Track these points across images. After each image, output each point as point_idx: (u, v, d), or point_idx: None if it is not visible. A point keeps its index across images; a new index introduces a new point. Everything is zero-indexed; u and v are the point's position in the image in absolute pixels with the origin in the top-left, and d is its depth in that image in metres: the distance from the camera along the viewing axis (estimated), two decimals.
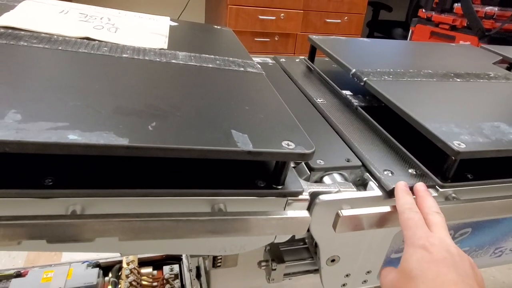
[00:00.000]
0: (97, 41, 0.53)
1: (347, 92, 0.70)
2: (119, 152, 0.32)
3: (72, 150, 0.31)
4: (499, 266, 1.44)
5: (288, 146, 0.38)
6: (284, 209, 0.41)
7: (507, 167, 0.52)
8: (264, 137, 0.38)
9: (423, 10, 2.13)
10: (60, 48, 0.48)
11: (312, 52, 0.86)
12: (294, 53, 2.36)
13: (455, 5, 1.90)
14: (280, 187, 0.40)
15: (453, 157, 0.45)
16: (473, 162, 0.50)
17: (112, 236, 0.33)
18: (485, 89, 0.67)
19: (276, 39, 2.30)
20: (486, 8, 1.74)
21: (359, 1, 2.35)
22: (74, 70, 0.44)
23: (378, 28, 3.03)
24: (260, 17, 2.16)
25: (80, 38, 0.53)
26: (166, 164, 0.39)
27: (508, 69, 0.96)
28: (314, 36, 0.84)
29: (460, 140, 0.45)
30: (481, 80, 0.70)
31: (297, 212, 0.39)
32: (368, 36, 3.06)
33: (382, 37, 2.97)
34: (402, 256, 0.36)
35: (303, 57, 0.89)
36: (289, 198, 0.41)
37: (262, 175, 0.41)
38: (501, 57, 0.92)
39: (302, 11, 2.24)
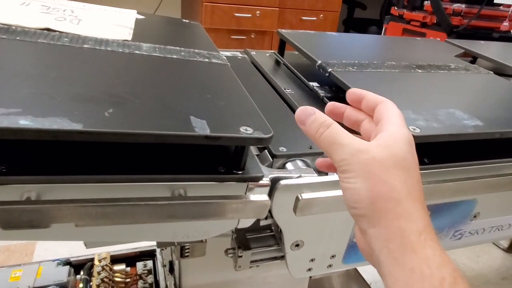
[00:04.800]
0: (57, 32, 0.53)
1: (314, 84, 0.71)
2: (73, 137, 0.32)
3: (24, 135, 0.30)
4: (469, 254, 1.49)
5: (246, 131, 0.38)
6: (245, 194, 0.41)
7: (464, 151, 0.54)
8: (222, 123, 0.39)
9: (395, 8, 2.18)
10: (18, 38, 0.48)
11: (282, 46, 0.87)
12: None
13: (425, 2, 1.95)
14: (240, 172, 0.40)
15: None
16: (432, 147, 0.52)
17: (68, 221, 0.33)
18: (444, 79, 0.70)
19: (253, 36, 2.31)
20: (454, 5, 1.80)
21: None
22: (31, 60, 0.44)
23: (353, 26, 3.08)
24: (236, 14, 2.16)
25: (40, 29, 0.52)
26: (127, 151, 0.39)
27: (472, 62, 1.00)
28: (283, 30, 0.85)
29: (415, 125, 0.47)
30: (442, 71, 0.73)
31: (256, 196, 0.40)
32: None
33: None
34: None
35: (273, 51, 0.90)
36: (250, 183, 0.41)
37: (223, 161, 0.41)
38: (463, 50, 0.96)
39: (277, 8, 2.26)
